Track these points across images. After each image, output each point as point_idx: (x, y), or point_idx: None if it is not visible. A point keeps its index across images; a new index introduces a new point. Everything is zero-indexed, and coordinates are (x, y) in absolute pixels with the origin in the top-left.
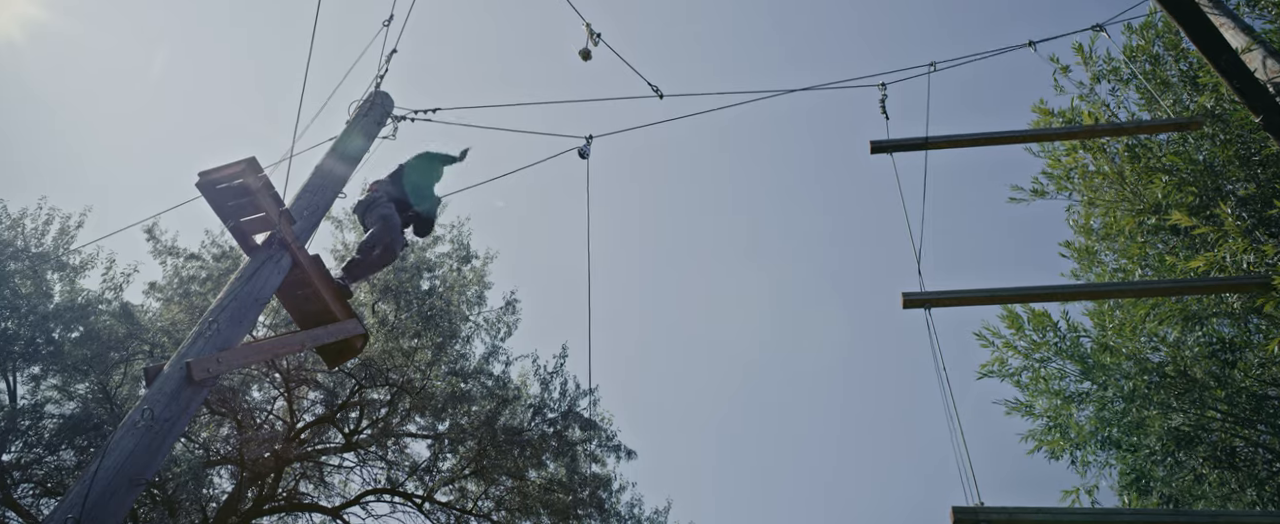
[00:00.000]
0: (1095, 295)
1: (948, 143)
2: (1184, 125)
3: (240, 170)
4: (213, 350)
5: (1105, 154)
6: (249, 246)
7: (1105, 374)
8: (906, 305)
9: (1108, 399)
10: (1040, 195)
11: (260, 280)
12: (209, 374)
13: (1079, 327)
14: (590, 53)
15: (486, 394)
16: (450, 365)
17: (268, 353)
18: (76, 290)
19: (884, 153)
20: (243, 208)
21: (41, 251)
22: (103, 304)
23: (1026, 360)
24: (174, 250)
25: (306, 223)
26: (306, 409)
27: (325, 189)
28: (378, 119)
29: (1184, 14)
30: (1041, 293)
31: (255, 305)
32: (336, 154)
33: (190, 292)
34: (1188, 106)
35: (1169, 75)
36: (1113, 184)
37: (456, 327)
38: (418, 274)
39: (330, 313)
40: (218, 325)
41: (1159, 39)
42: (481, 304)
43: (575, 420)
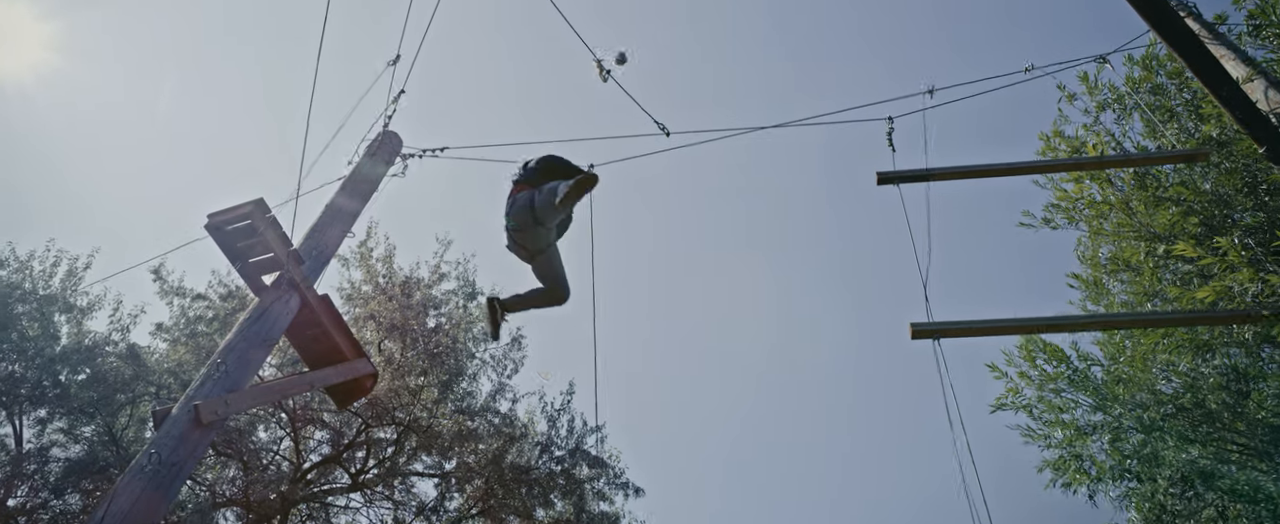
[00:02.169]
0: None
1: (951, 174)
2: (1191, 157)
3: (248, 211)
4: (221, 392)
5: (1112, 184)
6: (258, 287)
7: (1119, 406)
8: (915, 336)
9: (1122, 430)
10: (1050, 225)
11: (269, 321)
12: (217, 416)
13: (1089, 357)
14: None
15: (493, 432)
16: (457, 403)
17: (277, 394)
18: (83, 332)
19: (890, 183)
20: (251, 248)
21: (49, 293)
22: (109, 345)
23: (1040, 391)
24: (180, 291)
25: (315, 262)
26: (313, 449)
27: (333, 228)
28: (386, 158)
29: (1184, 46)
30: (1050, 324)
31: (264, 346)
32: (345, 193)
33: (197, 332)
34: (1192, 135)
35: (1173, 104)
36: (1119, 213)
37: (463, 364)
38: (424, 311)
39: (339, 352)
40: (226, 367)
41: (1161, 69)
42: (487, 341)
43: (583, 458)
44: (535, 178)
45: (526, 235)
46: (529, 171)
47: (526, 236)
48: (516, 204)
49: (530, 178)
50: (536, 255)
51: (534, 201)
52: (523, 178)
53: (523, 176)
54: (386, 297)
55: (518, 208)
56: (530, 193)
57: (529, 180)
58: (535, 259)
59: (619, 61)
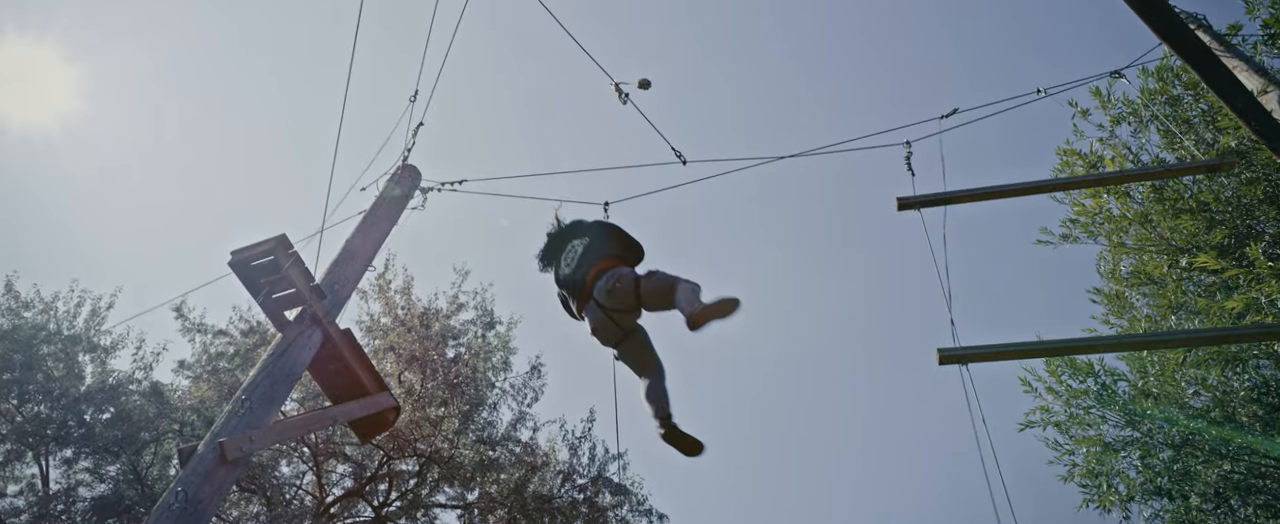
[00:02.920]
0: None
1: (971, 196)
2: (1213, 167)
3: (271, 247)
4: (245, 428)
5: (1130, 198)
6: (280, 323)
7: (1149, 421)
8: (942, 362)
9: (1153, 446)
10: (1069, 240)
11: (292, 356)
12: (242, 453)
13: (1115, 372)
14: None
15: (515, 461)
16: (478, 433)
17: (301, 430)
18: (107, 371)
19: (911, 208)
20: (274, 285)
21: (73, 334)
22: (133, 384)
23: (1068, 407)
24: (202, 327)
25: (337, 297)
26: (335, 483)
27: (354, 263)
28: (406, 191)
29: (1197, 59)
30: (1077, 346)
31: (287, 381)
32: (365, 228)
33: (219, 368)
34: (1211, 145)
35: (1190, 115)
36: (1138, 227)
37: (483, 393)
38: (443, 342)
39: (362, 386)
40: (250, 403)
41: (1177, 80)
42: (507, 370)
43: (605, 485)
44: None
45: (626, 317)
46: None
47: (625, 317)
48: (616, 283)
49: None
50: (629, 334)
51: (640, 286)
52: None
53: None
54: (406, 328)
55: (620, 289)
56: (630, 273)
57: (614, 255)
58: (626, 339)
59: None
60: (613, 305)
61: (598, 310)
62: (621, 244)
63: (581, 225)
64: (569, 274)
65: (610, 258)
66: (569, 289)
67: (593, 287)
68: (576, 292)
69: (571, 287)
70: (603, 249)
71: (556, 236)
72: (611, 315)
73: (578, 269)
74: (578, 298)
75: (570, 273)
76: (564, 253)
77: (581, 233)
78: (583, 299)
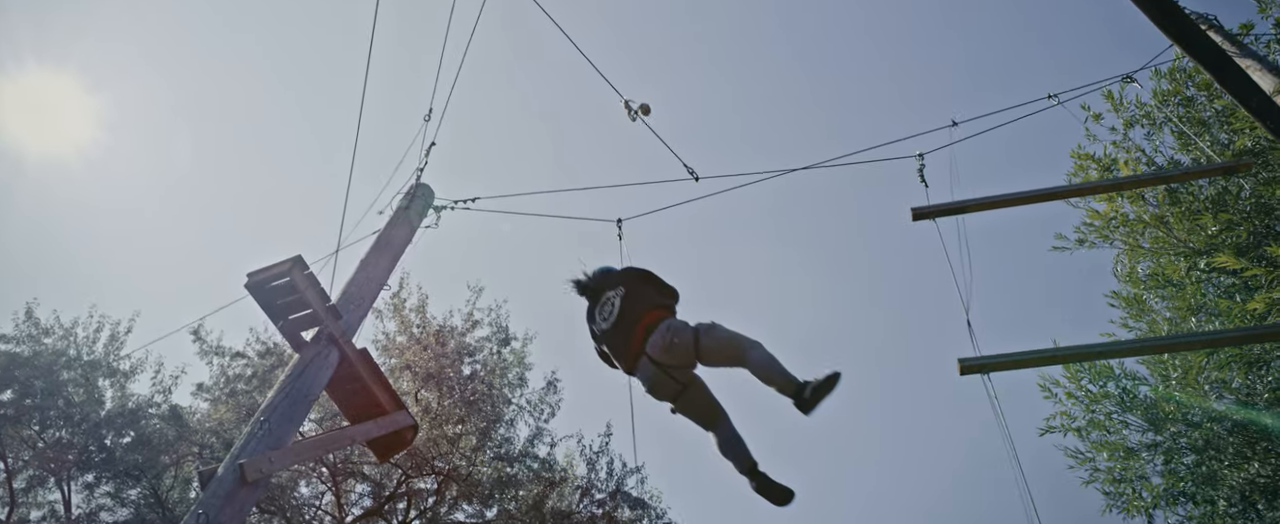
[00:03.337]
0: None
1: (985, 205)
2: (1231, 169)
3: (286, 268)
4: (265, 449)
5: (1145, 201)
6: (298, 343)
7: (1172, 425)
8: (963, 372)
9: (1176, 451)
10: (1084, 245)
11: (309, 377)
12: (262, 474)
13: (1135, 375)
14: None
15: (533, 477)
16: (495, 450)
17: (320, 450)
18: (127, 395)
19: (926, 219)
20: (290, 306)
21: (93, 359)
22: (152, 408)
23: (1089, 412)
24: (220, 350)
25: (353, 317)
26: (354, 503)
27: (370, 283)
28: (419, 210)
29: (1210, 60)
30: (1099, 351)
31: (305, 402)
32: (379, 247)
33: (237, 390)
34: (1227, 146)
35: (1204, 116)
36: (1155, 229)
37: (500, 410)
38: (459, 359)
39: (379, 405)
40: (269, 424)
41: (1190, 81)
42: (523, 386)
43: (624, 499)
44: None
45: (684, 372)
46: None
47: (683, 372)
48: (674, 339)
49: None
50: (688, 387)
51: (701, 341)
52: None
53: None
54: (421, 346)
55: (679, 345)
56: (687, 326)
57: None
58: (686, 391)
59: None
60: (671, 362)
61: (653, 368)
62: (658, 290)
63: (612, 275)
64: (610, 330)
65: (655, 309)
66: (613, 346)
67: (645, 342)
68: (624, 349)
69: (617, 344)
70: (643, 299)
71: (587, 289)
72: (668, 372)
73: (621, 324)
74: (627, 355)
75: (611, 329)
76: (598, 307)
77: (613, 283)
78: (633, 357)
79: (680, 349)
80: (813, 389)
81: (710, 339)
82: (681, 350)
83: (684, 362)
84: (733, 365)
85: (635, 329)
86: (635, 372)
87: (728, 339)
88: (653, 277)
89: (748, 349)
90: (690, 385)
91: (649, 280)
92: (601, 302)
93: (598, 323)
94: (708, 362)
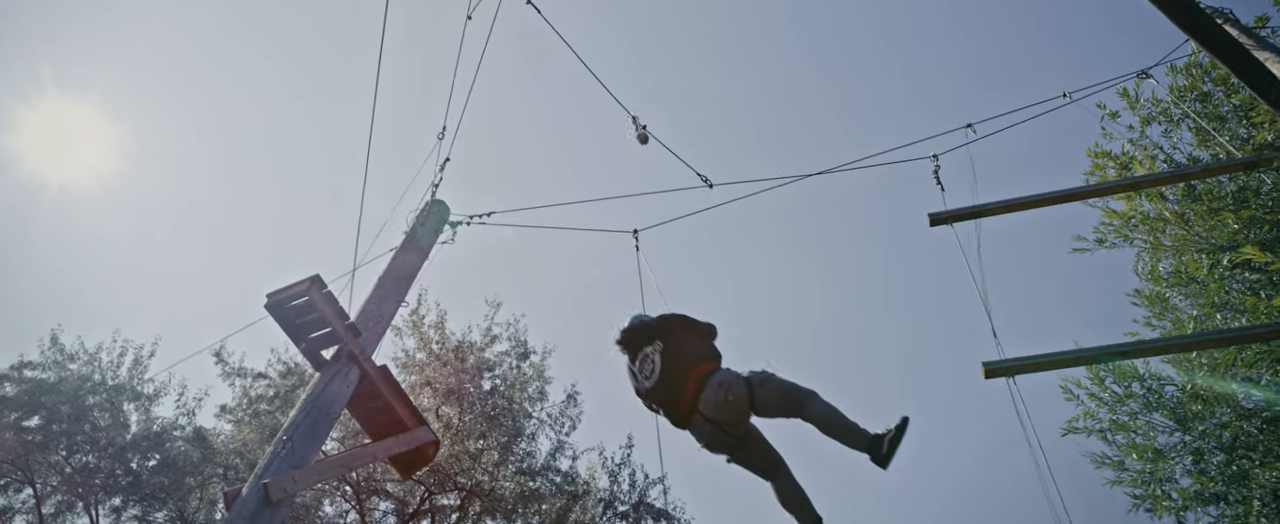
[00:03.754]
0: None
1: (1003, 208)
2: (1253, 164)
3: (305, 288)
4: (288, 469)
5: (1164, 199)
6: (318, 362)
7: (1200, 423)
8: (988, 375)
9: (1205, 451)
10: (1104, 245)
11: (330, 395)
12: (287, 493)
13: (1160, 375)
14: (647, 136)
15: (555, 491)
16: (517, 464)
17: (343, 467)
18: (151, 418)
19: (944, 224)
20: (310, 325)
21: (117, 383)
22: (177, 430)
23: (1113, 413)
24: (242, 371)
25: (372, 334)
26: (378, 520)
27: (388, 299)
28: (435, 227)
29: (1227, 54)
30: (1124, 350)
31: (327, 420)
32: (396, 265)
33: (259, 411)
34: (1246, 140)
35: (1221, 111)
36: (1175, 227)
37: (521, 424)
38: (478, 374)
39: (401, 422)
40: (292, 443)
41: (1206, 76)
42: (543, 400)
43: (647, 512)
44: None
45: (740, 426)
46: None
47: (739, 427)
48: (728, 396)
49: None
50: (744, 439)
51: (756, 396)
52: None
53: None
54: (441, 362)
55: (734, 403)
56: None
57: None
58: (742, 444)
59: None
60: (726, 419)
61: (708, 426)
62: (697, 334)
63: (648, 327)
64: (653, 388)
65: (700, 362)
66: (661, 404)
67: (696, 400)
68: (673, 406)
69: (665, 401)
70: (685, 353)
71: (624, 345)
72: (723, 428)
73: (666, 381)
74: (678, 413)
75: (654, 387)
76: (638, 363)
77: (650, 336)
78: (685, 414)
79: (735, 406)
80: (888, 442)
81: (766, 391)
82: (736, 407)
83: (739, 417)
84: (790, 417)
85: (684, 385)
86: (688, 428)
87: (784, 390)
88: (687, 321)
89: (806, 400)
90: (746, 438)
91: (685, 327)
92: (640, 358)
93: (640, 381)
94: (764, 414)
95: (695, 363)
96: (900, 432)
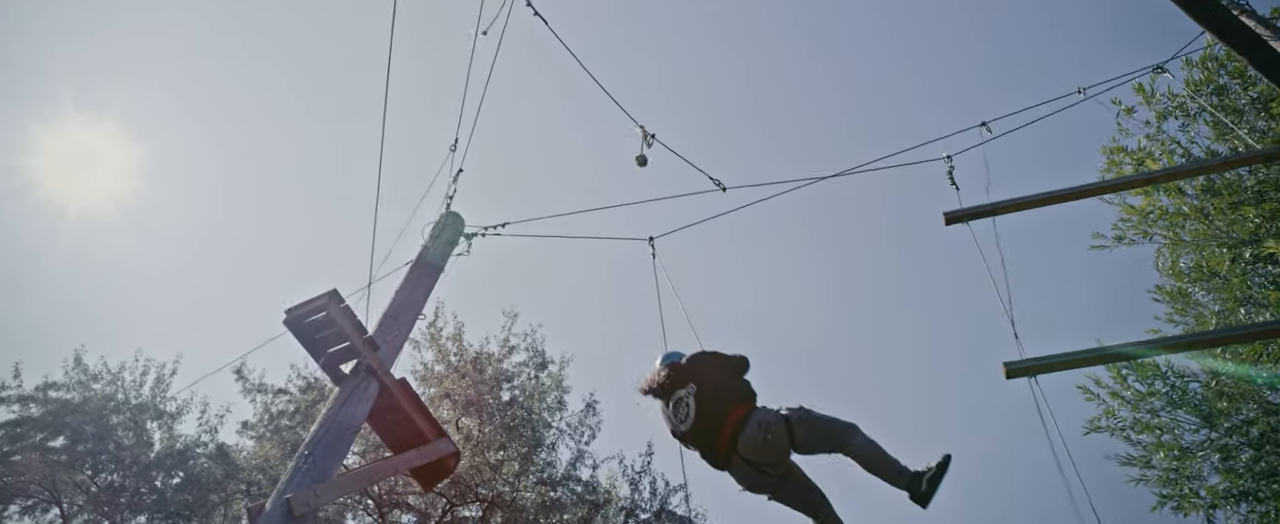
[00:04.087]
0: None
1: (1019, 205)
2: (1273, 156)
3: (323, 303)
4: (310, 483)
5: (1183, 194)
6: (337, 377)
7: (1226, 420)
8: (1009, 375)
9: (1232, 447)
10: (1123, 242)
11: (350, 409)
12: (309, 508)
13: (1184, 372)
14: (646, 159)
15: (577, 500)
16: (538, 474)
17: (365, 481)
18: (174, 436)
19: (959, 222)
20: (328, 340)
21: (141, 402)
22: (200, 448)
23: (1136, 412)
24: (262, 387)
25: (390, 348)
26: None
27: (405, 313)
28: (450, 239)
29: (1245, 45)
30: (1147, 348)
31: (348, 434)
32: (413, 278)
33: (280, 427)
34: (1265, 133)
35: (1239, 104)
36: (1195, 221)
37: (540, 434)
38: (497, 385)
39: (421, 434)
40: (314, 458)
41: (1222, 69)
42: (562, 409)
43: (669, 519)
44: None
45: (780, 466)
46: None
47: (779, 466)
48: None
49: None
50: (785, 477)
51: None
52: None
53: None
54: (459, 374)
55: (774, 443)
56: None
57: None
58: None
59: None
60: (767, 460)
61: (749, 468)
62: (730, 372)
63: (679, 370)
64: (689, 431)
65: (735, 403)
66: (697, 446)
67: (735, 442)
68: (711, 449)
69: (702, 444)
70: (720, 394)
71: (656, 392)
72: (764, 469)
73: (703, 423)
74: (716, 456)
75: (690, 430)
76: (672, 406)
77: (683, 379)
78: (723, 456)
79: (775, 445)
80: (928, 480)
81: (805, 428)
82: (776, 446)
83: (780, 457)
84: (831, 452)
85: (721, 428)
86: (728, 470)
87: (823, 427)
88: (719, 358)
89: (846, 436)
90: (787, 477)
91: (717, 365)
92: (673, 401)
93: (675, 423)
94: (804, 451)
95: (731, 404)
96: (942, 470)
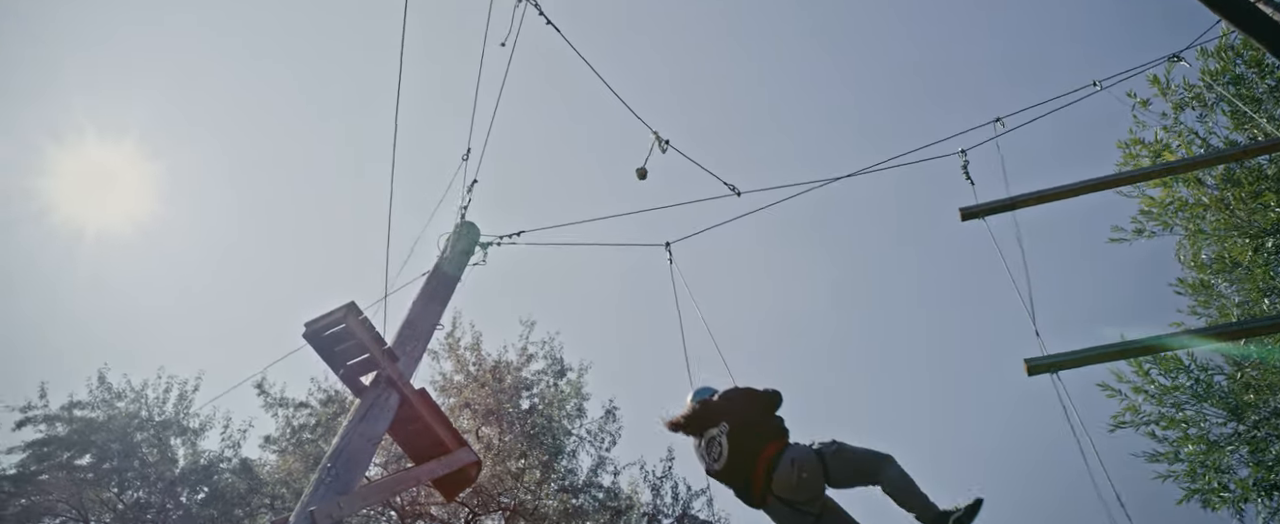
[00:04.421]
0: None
1: (1036, 199)
2: None
3: (341, 315)
4: (334, 495)
5: (1202, 184)
6: (357, 388)
7: (1254, 413)
8: (1031, 372)
9: (1261, 439)
10: (1143, 235)
11: (371, 420)
12: (333, 520)
13: (1208, 366)
14: (646, 172)
15: (599, 507)
16: (560, 482)
17: (387, 492)
18: (198, 452)
19: (975, 218)
20: (348, 352)
21: (164, 419)
22: (223, 463)
23: (1160, 406)
24: (284, 401)
25: (409, 358)
26: None
27: (423, 323)
28: (466, 248)
29: (1262, 33)
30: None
31: (369, 446)
32: (430, 288)
33: (302, 440)
34: None
35: (1257, 92)
36: (1215, 212)
37: (561, 442)
38: (516, 394)
39: (442, 444)
40: (336, 470)
41: (1239, 58)
42: (582, 416)
43: (692, 523)
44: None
45: (816, 502)
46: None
47: (815, 503)
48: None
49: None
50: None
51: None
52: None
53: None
54: (478, 384)
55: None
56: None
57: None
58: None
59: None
60: (802, 497)
61: (784, 507)
62: (762, 409)
63: (709, 408)
64: (722, 471)
65: (769, 441)
66: (731, 484)
67: (768, 481)
68: (745, 487)
69: (735, 482)
70: (753, 432)
71: (686, 429)
72: (800, 507)
73: (736, 462)
74: (751, 495)
75: (723, 469)
76: (704, 444)
77: (713, 417)
78: (759, 495)
79: (809, 482)
80: (955, 521)
81: (839, 463)
82: (810, 483)
83: (815, 493)
84: (865, 484)
85: (755, 466)
86: (763, 509)
87: (857, 460)
88: (752, 394)
89: (880, 467)
90: (823, 514)
91: (749, 402)
92: (706, 439)
93: (707, 462)
94: (839, 485)
95: (763, 443)
96: (970, 513)
